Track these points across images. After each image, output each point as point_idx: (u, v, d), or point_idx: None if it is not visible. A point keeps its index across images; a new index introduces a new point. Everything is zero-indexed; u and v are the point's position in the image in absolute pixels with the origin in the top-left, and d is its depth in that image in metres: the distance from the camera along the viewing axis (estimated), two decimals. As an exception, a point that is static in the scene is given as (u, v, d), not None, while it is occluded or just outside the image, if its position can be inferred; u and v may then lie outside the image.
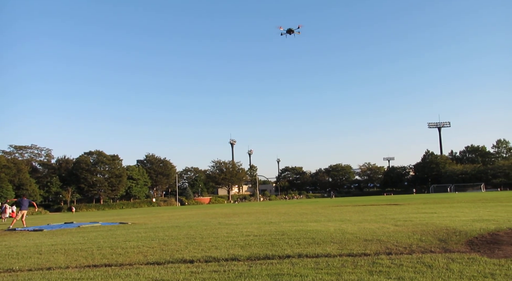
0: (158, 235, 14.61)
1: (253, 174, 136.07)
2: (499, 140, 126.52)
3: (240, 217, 23.70)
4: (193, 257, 9.06)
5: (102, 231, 17.73)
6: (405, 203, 35.47)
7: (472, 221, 14.24)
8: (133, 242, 12.54)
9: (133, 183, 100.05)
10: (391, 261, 7.61)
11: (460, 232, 11.31)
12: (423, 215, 18.69)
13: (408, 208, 25.27)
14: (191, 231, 15.66)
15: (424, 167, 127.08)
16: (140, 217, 30.92)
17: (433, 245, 9.33)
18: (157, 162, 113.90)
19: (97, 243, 12.78)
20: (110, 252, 10.60)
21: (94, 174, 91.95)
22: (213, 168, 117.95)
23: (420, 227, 13.14)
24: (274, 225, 16.66)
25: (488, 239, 10.09)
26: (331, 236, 11.70)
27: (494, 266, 6.84)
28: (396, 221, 15.88)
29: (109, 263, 8.88)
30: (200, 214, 31.15)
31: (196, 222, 20.72)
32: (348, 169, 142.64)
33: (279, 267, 7.55)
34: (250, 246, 10.35)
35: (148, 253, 10.13)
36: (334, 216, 21.01)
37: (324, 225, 15.57)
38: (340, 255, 8.50)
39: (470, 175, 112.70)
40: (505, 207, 22.06)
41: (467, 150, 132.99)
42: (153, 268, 8.08)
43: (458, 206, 25.08)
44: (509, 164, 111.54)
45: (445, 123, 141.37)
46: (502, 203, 26.70)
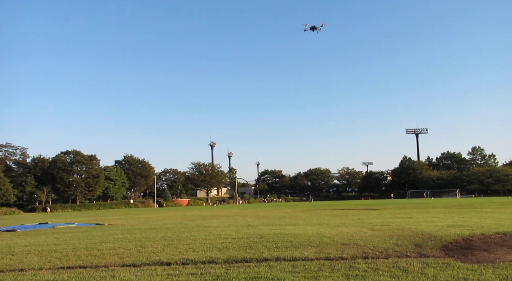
0: (135, 236, 14.46)
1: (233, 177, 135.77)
2: (474, 147, 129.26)
3: (218, 220, 23.64)
4: (170, 259, 8.99)
5: (77, 232, 17.46)
6: (382, 207, 35.89)
7: (447, 227, 14.49)
8: (109, 244, 12.38)
9: (111, 183, 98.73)
10: (367, 265, 7.69)
11: (435, 237, 11.49)
12: (399, 220, 18.94)
13: (385, 213, 25.58)
14: (169, 233, 15.54)
15: (401, 173, 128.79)
16: (117, 218, 30.55)
17: (408, 249, 9.46)
18: (135, 163, 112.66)
19: (72, 244, 12.58)
20: (86, 253, 10.45)
21: (71, 174, 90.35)
22: (192, 170, 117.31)
23: (396, 231, 13.31)
24: (253, 228, 16.66)
25: (462, 244, 10.28)
26: (309, 239, 11.76)
27: (467, 271, 6.97)
28: (373, 225, 16.05)
29: (84, 265, 8.74)
30: (178, 216, 30.95)
31: (174, 224, 20.58)
32: (327, 173, 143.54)
33: (256, 270, 7.54)
34: (228, 249, 10.32)
35: (125, 255, 10.01)
36: (312, 219, 21.12)
37: (302, 228, 15.64)
38: (318, 259, 8.55)
39: (446, 181, 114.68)
40: (479, 213, 22.52)
41: (444, 157, 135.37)
42: (129, 270, 7.98)
43: (434, 212, 25.49)
44: (483, 171, 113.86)
45: (423, 130, 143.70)
46: (476, 209, 27.26)
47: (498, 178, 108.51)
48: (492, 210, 25.98)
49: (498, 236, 11.74)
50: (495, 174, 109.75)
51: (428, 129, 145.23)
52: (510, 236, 11.60)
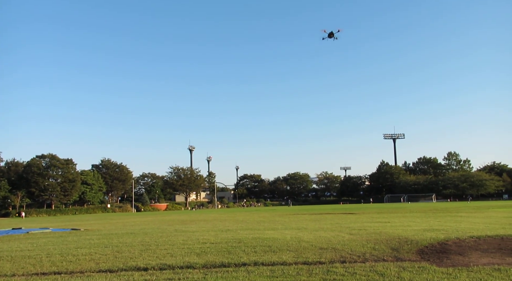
0: (112, 242, 14.26)
1: (212, 181, 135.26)
2: (450, 153, 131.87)
3: (197, 224, 23.50)
4: (148, 264, 8.89)
5: (52, 238, 17.12)
6: (361, 212, 36.24)
7: (423, 231, 14.70)
8: (85, 249, 12.17)
9: (87, 188, 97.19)
10: (345, 269, 7.74)
11: (411, 241, 11.65)
12: (377, 224, 19.15)
13: (363, 217, 25.82)
14: (146, 238, 15.38)
15: (379, 177, 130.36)
16: (94, 223, 30.07)
17: (385, 253, 9.56)
18: (113, 167, 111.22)
19: (46, 250, 12.32)
20: (60, 259, 10.24)
21: (46, 178, 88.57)
22: (171, 174, 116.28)
23: (374, 236, 13.44)
24: (231, 232, 16.62)
25: (438, 248, 10.45)
26: (287, 244, 11.78)
27: (442, 275, 7.08)
28: (351, 230, 16.18)
29: (58, 271, 8.57)
30: (156, 221, 30.65)
31: (151, 229, 20.37)
32: (306, 178, 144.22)
33: (234, 275, 7.52)
34: (206, 254, 10.27)
35: (101, 260, 9.86)
36: (291, 224, 21.18)
37: (281, 233, 15.67)
38: (296, 263, 8.57)
39: (422, 186, 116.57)
40: (454, 218, 22.94)
41: (420, 162, 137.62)
42: (105, 276, 7.86)
43: (410, 216, 25.86)
44: (458, 175, 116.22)
45: (400, 135, 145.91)
46: (451, 214, 27.76)
47: (472, 183, 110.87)
48: (466, 214, 26.50)
49: (472, 240, 11.98)
50: (470, 179, 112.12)
51: (405, 134, 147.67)
52: (483, 240, 11.84)
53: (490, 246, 10.67)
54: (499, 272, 7.18)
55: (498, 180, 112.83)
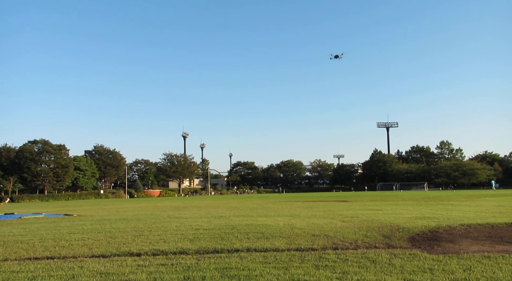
0: (105, 227, 14.26)
1: (205, 168, 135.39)
2: (442, 142, 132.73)
3: (190, 211, 23.55)
4: (140, 250, 8.91)
5: (45, 223, 17.10)
6: (353, 200, 36.45)
7: (414, 219, 14.82)
8: (78, 235, 12.18)
9: (80, 174, 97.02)
10: (337, 256, 7.80)
11: (403, 228, 11.75)
12: (369, 212, 19.28)
13: (356, 205, 25.98)
14: (139, 224, 15.40)
15: (372, 166, 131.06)
16: (87, 209, 30.06)
17: (377, 241, 9.64)
18: (106, 153, 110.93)
19: (39, 235, 12.31)
20: (53, 244, 10.24)
21: (39, 164, 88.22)
22: (164, 160, 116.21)
23: (366, 223, 13.54)
24: (224, 219, 16.68)
25: (429, 235, 10.55)
26: (280, 230, 11.84)
27: (433, 262, 7.16)
28: (344, 217, 16.29)
29: (51, 256, 8.57)
30: (149, 207, 30.69)
31: (145, 215, 20.40)
32: (299, 165, 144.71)
33: (227, 261, 7.56)
34: (199, 240, 10.30)
35: (94, 245, 9.87)
36: (284, 211, 21.28)
37: (273, 220, 15.74)
38: (288, 250, 8.62)
39: (414, 174, 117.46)
40: (445, 206, 23.14)
41: (413, 150, 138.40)
42: (98, 261, 7.87)
43: (402, 204, 26.05)
44: (450, 164, 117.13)
45: (393, 123, 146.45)
46: (442, 202, 27.99)
47: (464, 171, 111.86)
48: (458, 202, 26.74)
49: (463, 228, 12.10)
50: (462, 168, 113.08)
51: (398, 123, 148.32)
52: (474, 228, 11.97)
53: (481, 234, 10.78)
54: (488, 259, 7.26)
55: (490, 169, 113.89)
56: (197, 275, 6.49)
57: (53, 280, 6.41)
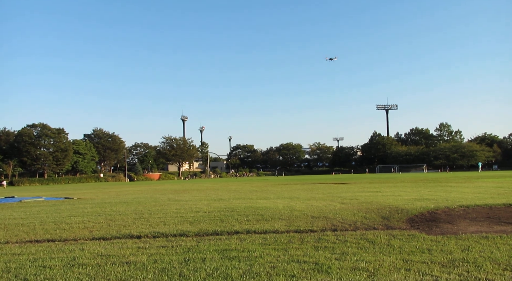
0: (105, 210, 14.33)
1: (204, 151, 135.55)
2: (441, 124, 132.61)
3: (190, 194, 23.64)
4: (141, 232, 8.96)
5: (45, 206, 17.17)
6: (352, 182, 36.60)
7: (413, 200, 14.89)
8: (78, 218, 12.23)
9: (80, 157, 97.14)
10: (336, 237, 7.85)
11: (402, 210, 11.81)
12: (368, 194, 19.36)
13: (355, 187, 26.09)
14: (140, 206, 15.47)
15: (371, 148, 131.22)
16: (87, 192, 30.17)
17: (376, 222, 9.69)
18: (105, 136, 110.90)
19: (39, 218, 12.37)
20: (54, 227, 10.29)
21: (38, 147, 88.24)
22: (163, 144, 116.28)
23: (365, 205, 13.61)
24: (224, 201, 16.74)
25: (427, 217, 10.61)
26: (279, 213, 11.90)
27: (431, 242, 7.20)
28: (343, 199, 16.36)
29: (52, 239, 8.62)
30: (149, 190, 30.80)
31: (145, 198, 20.48)
32: (298, 148, 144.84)
33: (227, 243, 7.60)
34: (199, 222, 10.35)
35: (94, 228, 9.92)
36: (283, 193, 21.36)
37: (273, 202, 15.81)
38: (288, 232, 8.67)
39: (413, 157, 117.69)
40: (444, 187, 23.23)
41: (412, 133, 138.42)
42: (98, 243, 7.92)
43: (401, 186, 26.15)
44: (449, 146, 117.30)
45: (393, 106, 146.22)
46: (441, 184, 28.10)
47: (463, 153, 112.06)
48: (456, 184, 26.84)
49: (461, 209, 12.16)
50: (461, 150, 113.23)
51: (398, 105, 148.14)
52: (472, 209, 12.03)
53: (479, 215, 10.84)
54: (486, 240, 7.31)
55: (489, 151, 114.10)
56: (197, 256, 6.54)
57: (54, 262, 6.44)
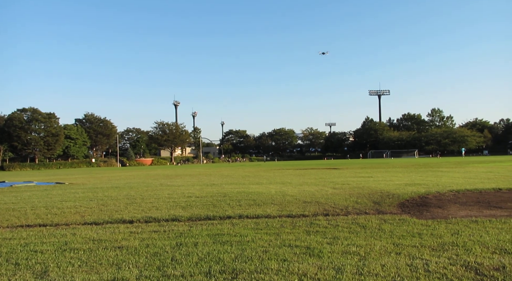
0: (97, 195, 14.30)
1: (197, 136, 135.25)
2: (433, 109, 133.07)
3: (182, 179, 23.64)
4: (133, 217, 8.95)
5: (36, 191, 17.10)
6: (344, 167, 36.80)
7: (404, 185, 15.01)
8: (70, 203, 12.19)
9: (71, 142, 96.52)
10: (328, 222, 7.90)
11: (393, 195, 11.90)
12: (360, 179, 19.48)
13: (347, 172, 26.23)
14: (132, 191, 15.45)
15: (363, 133, 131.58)
16: (78, 177, 30.07)
17: (367, 207, 9.76)
18: (96, 121, 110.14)
19: (31, 203, 12.32)
20: (45, 212, 10.26)
21: (29, 132, 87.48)
22: (156, 129, 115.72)
23: (356, 190, 13.69)
24: (216, 187, 16.77)
25: (418, 201, 10.70)
26: (272, 198, 11.94)
27: (421, 227, 7.27)
28: (335, 184, 16.45)
29: (43, 223, 8.59)
30: (141, 175, 30.76)
31: (137, 183, 20.45)
32: (291, 134, 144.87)
33: (219, 228, 7.62)
34: (192, 207, 10.37)
35: (86, 213, 9.90)
36: (275, 179, 21.43)
37: (265, 187, 15.86)
38: (280, 216, 8.71)
39: (405, 142, 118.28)
40: (435, 172, 23.43)
41: (404, 118, 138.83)
42: (90, 228, 7.91)
43: (393, 171, 26.34)
44: (441, 132, 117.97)
45: (385, 91, 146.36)
46: (432, 169, 28.34)
47: (454, 139, 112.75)
48: (447, 169, 27.08)
49: (452, 193, 12.29)
50: (452, 135, 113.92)
51: (390, 90, 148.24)
52: (462, 194, 12.16)
53: (469, 199, 10.96)
54: (476, 224, 7.40)
55: (480, 136, 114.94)
56: (189, 241, 6.55)
57: (45, 246, 6.43)
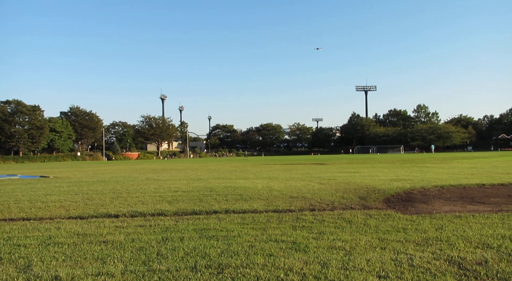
0: (82, 189, 14.17)
1: (184, 131, 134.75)
2: (419, 105, 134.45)
3: (169, 173, 23.55)
4: (119, 211, 8.89)
5: (20, 184, 16.88)
6: (331, 163, 36.98)
7: (390, 181, 15.14)
8: (54, 196, 12.06)
9: (56, 135, 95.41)
10: (314, 217, 7.93)
11: (378, 190, 12.00)
12: (346, 174, 19.60)
13: (333, 168, 26.37)
14: (118, 186, 15.34)
15: (350, 129, 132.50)
16: (63, 171, 29.76)
17: (353, 202, 9.83)
18: (82, 115, 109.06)
19: (14, 197, 12.16)
20: (29, 205, 10.14)
21: (12, 124, 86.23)
22: (142, 123, 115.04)
23: (342, 185, 13.77)
24: (203, 181, 16.73)
25: (403, 197, 10.81)
26: (258, 193, 11.95)
27: (406, 222, 7.35)
28: (321, 179, 16.52)
29: (27, 217, 8.49)
30: (127, 170, 30.55)
31: (123, 177, 20.32)
32: (278, 129, 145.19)
33: (206, 222, 7.61)
34: (178, 202, 10.33)
35: (71, 207, 9.80)
36: (262, 174, 21.46)
37: (252, 182, 15.87)
38: (266, 211, 8.72)
39: (391, 138, 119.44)
40: (420, 168, 23.68)
41: (390, 114, 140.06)
42: (75, 222, 7.83)
43: (379, 167, 26.55)
44: (426, 128, 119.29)
45: (372, 87, 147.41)
46: (418, 164, 28.63)
47: (439, 135, 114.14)
48: (432, 165, 27.38)
49: (436, 189, 12.43)
50: (437, 131, 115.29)
51: (377, 86, 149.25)
52: (447, 189, 12.31)
53: (453, 195, 11.10)
54: (459, 219, 7.50)
55: (464, 132, 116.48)
56: (175, 236, 6.53)
57: (29, 240, 6.35)
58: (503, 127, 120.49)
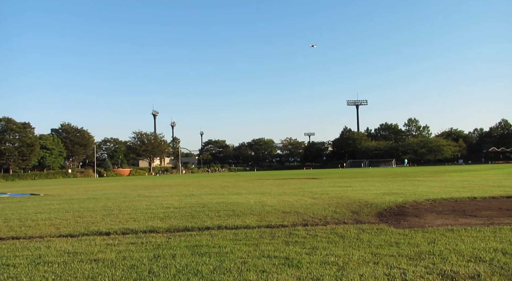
0: (73, 207, 14.03)
1: (176, 147, 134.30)
2: (410, 119, 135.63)
3: (161, 189, 23.41)
4: (110, 229, 8.80)
5: (10, 203, 16.68)
6: (323, 177, 36.99)
7: (382, 195, 15.16)
8: (45, 214, 11.92)
9: (47, 153, 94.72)
10: (306, 232, 7.90)
11: (371, 204, 12.00)
12: (338, 188, 19.60)
13: (326, 182, 26.37)
14: (109, 203, 15.21)
15: (341, 143, 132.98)
16: (54, 189, 29.47)
17: (346, 216, 9.81)
18: (73, 131, 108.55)
19: (4, 215, 12.00)
20: (19, 224, 10.00)
21: (2, 142, 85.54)
22: (134, 139, 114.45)
23: (335, 200, 13.76)
24: (195, 197, 16.65)
25: (396, 211, 10.82)
26: (251, 208, 11.90)
27: (399, 236, 7.34)
28: (314, 194, 16.51)
29: (17, 236, 8.37)
30: (119, 186, 30.33)
31: (114, 194, 20.16)
32: (270, 144, 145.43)
33: (198, 239, 7.55)
34: (170, 218, 10.25)
35: (61, 225, 9.69)
36: (255, 189, 21.40)
37: (244, 197, 15.81)
38: (259, 227, 8.68)
39: (383, 151, 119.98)
40: (412, 182, 23.76)
41: (382, 128, 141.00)
42: (66, 241, 7.74)
43: (371, 181, 26.60)
44: (417, 141, 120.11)
45: (363, 101, 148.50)
46: (409, 178, 28.73)
47: (430, 148, 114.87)
48: (424, 178, 27.49)
49: (428, 202, 12.46)
50: (428, 145, 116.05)
51: (368, 100, 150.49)
52: (439, 203, 12.35)
53: (445, 208, 11.13)
54: (452, 232, 7.51)
55: (455, 145, 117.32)
56: (167, 253, 6.46)
57: (18, 260, 6.25)
58: (493, 140, 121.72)
